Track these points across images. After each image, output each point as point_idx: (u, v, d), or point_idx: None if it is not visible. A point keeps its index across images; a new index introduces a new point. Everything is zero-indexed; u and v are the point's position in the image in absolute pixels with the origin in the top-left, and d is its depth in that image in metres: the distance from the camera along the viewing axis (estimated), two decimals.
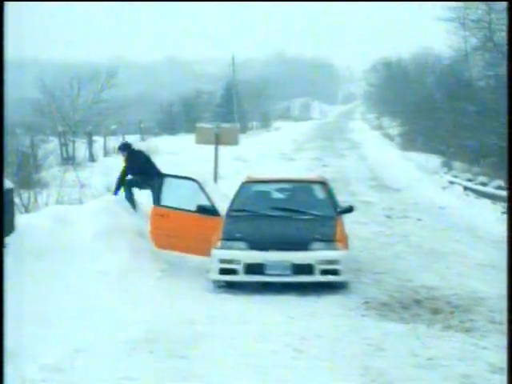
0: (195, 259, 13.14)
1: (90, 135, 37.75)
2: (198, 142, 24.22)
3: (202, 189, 13.01)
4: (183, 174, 13.71)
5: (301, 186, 13.24)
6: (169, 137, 48.80)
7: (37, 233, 10.92)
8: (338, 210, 12.52)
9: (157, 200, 13.21)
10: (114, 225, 12.63)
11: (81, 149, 37.67)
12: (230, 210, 12.48)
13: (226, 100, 62.76)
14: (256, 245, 11.34)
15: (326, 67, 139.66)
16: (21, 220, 10.91)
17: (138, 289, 11.12)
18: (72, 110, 36.08)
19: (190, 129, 54.52)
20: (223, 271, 11.37)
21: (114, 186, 15.12)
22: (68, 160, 35.83)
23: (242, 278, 11.32)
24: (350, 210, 12.65)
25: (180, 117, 53.47)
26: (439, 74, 45.08)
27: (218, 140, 22.87)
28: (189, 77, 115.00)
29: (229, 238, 11.53)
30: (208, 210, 12.64)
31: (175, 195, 13.30)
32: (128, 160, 14.73)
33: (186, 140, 48.67)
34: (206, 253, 12.34)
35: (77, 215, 12.40)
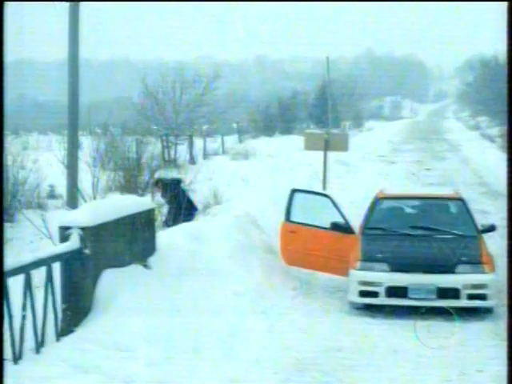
0: (323, 276, 12.81)
1: (190, 137, 37.81)
2: (307, 148, 23.85)
3: (335, 204, 12.61)
4: (315, 190, 13.38)
5: (438, 203, 12.73)
6: (265, 138, 48.59)
7: (175, 253, 10.73)
8: (480, 228, 11.97)
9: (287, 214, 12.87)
10: (245, 242, 12.43)
11: (181, 151, 37.76)
12: (366, 227, 12.06)
13: (319, 100, 62.25)
14: (398, 266, 10.90)
15: (415, 65, 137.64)
16: (160, 239, 10.72)
17: (276, 311, 10.81)
18: (174, 112, 36.13)
19: (286, 130, 54.36)
20: (363, 293, 10.98)
21: None
22: (170, 162, 35.93)
23: (383, 301, 10.90)
24: (492, 228, 12.08)
25: (275, 117, 53.20)
26: None
27: (327, 146, 22.49)
28: (278, 76, 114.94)
29: (369, 258, 11.13)
30: (342, 228, 12.25)
31: (305, 211, 12.96)
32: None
33: (283, 142, 48.47)
34: (339, 271, 11.99)
35: (209, 232, 12.23)
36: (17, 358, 7.22)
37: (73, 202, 26.39)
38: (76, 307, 8.14)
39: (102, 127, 61.26)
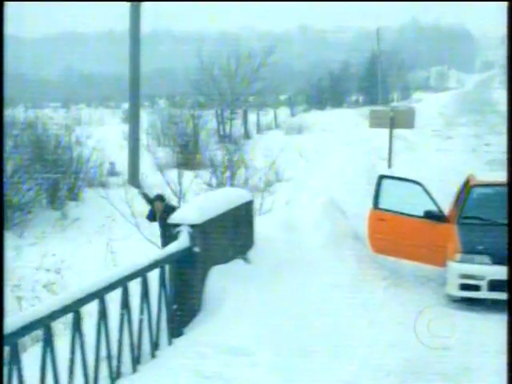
0: (409, 264, 12.46)
1: (245, 112, 37.48)
2: (372, 125, 23.36)
3: (427, 192, 12.19)
4: (404, 176, 12.95)
5: None
6: (317, 112, 48.07)
7: (271, 244, 10.44)
8: None
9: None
10: (336, 231, 12.12)
11: (236, 126, 37.44)
12: (462, 217, 11.64)
13: (368, 72, 61.42)
14: (501, 259, 10.47)
15: (461, 34, 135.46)
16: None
17: (372, 303, 10.49)
18: (229, 87, 35.77)
19: (337, 103, 53.75)
20: (464, 287, 10.59)
21: None
22: (224, 138, 35.65)
23: (485, 295, 10.51)
24: None
25: (326, 90, 52.62)
26: None
27: (393, 124, 22.01)
28: (321, 47, 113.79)
29: (469, 250, 10.72)
30: (436, 216, 11.84)
31: (394, 198, 12.57)
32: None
33: (334, 115, 47.89)
34: (431, 261, 11.64)
35: (298, 221, 11.95)
36: (136, 363, 6.98)
37: (134, 179, 26.29)
38: (186, 308, 7.88)
39: (149, 99, 61.05)
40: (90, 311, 6.61)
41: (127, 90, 27.79)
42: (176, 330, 7.73)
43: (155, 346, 7.30)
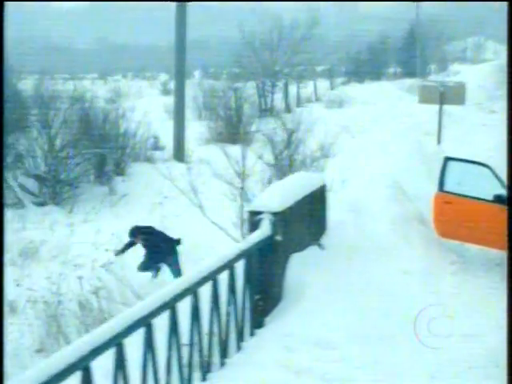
0: (473, 248, 12.20)
1: (285, 86, 37.13)
2: (422, 101, 22.97)
3: (496, 175, 11.89)
4: (471, 158, 12.63)
5: None
6: (356, 85, 47.55)
7: (342, 229, 10.24)
8: None
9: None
10: (401, 213, 11.88)
11: (276, 100, 37.11)
12: None
13: (407, 44, 60.61)
14: None
15: (497, 4, 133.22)
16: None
17: (444, 290, 10.27)
18: (271, 59, 35.40)
19: (376, 76, 53.09)
20: None
21: None
22: (266, 111, 35.37)
23: None
24: None
25: (365, 63, 52.01)
26: None
27: (443, 100, 21.60)
28: (354, 18, 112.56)
29: None
30: (506, 201, 11.54)
31: (461, 180, 12.29)
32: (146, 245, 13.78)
33: (374, 88, 47.31)
34: (498, 246, 11.37)
35: (365, 204, 11.74)
36: (223, 356, 6.85)
37: (179, 154, 26.16)
38: (267, 297, 7.72)
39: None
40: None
41: (162, 61, 27.60)
42: (258, 321, 7.57)
43: (240, 337, 7.15)
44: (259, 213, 7.83)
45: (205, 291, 6.62)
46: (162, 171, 17.38)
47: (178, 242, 13.73)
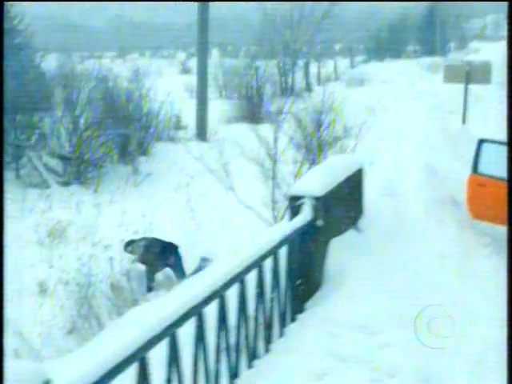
0: (504, 230, 12.06)
1: (306, 64, 36.90)
2: (447, 80, 22.67)
3: None
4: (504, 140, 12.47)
5: None
6: (376, 63, 47.20)
7: (376, 212, 10.14)
8: None
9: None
10: (434, 195, 11.76)
11: (297, 78, 36.87)
12: None
13: (426, 21, 60.07)
14: None
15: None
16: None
17: (480, 273, 10.16)
18: (292, 38, 35.15)
19: (396, 54, 52.68)
20: None
21: None
22: (287, 90, 35.17)
23: None
24: None
25: (385, 41, 51.64)
26: None
27: (468, 79, 21.34)
28: None
29: None
30: None
31: (495, 162, 12.13)
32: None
33: (394, 67, 46.96)
34: None
35: (398, 186, 11.64)
36: (268, 342, 6.80)
37: (202, 134, 26.06)
38: (308, 282, 7.65)
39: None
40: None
41: (180, 39, 27.38)
42: (299, 306, 7.51)
43: (283, 323, 7.09)
44: (300, 197, 7.74)
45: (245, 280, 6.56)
46: (190, 151, 17.32)
47: (176, 247, 13.50)
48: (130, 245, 13.58)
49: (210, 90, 33.00)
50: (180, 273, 13.37)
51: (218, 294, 5.75)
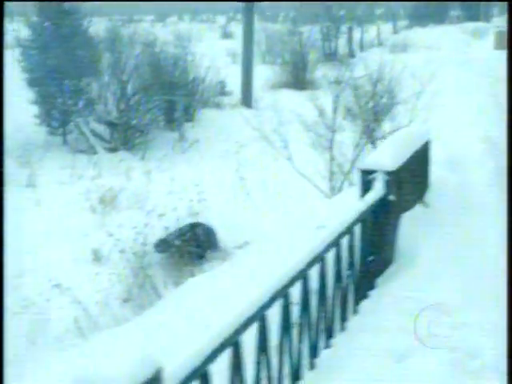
0: None
1: (350, 30, 36.47)
2: (498, 47, 22.34)
3: None
4: None
5: None
6: (419, 29, 46.50)
7: (442, 185, 9.94)
8: None
9: None
10: (498, 168, 11.51)
11: (340, 45, 36.48)
12: None
13: None
14: None
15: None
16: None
17: None
18: (335, 4, 34.72)
19: (439, 20, 51.88)
20: None
21: None
22: (330, 56, 34.83)
23: None
24: None
25: (427, 6, 50.82)
26: None
27: None
28: None
29: None
30: None
31: None
32: None
33: (438, 32, 46.25)
34: None
35: (462, 158, 11.42)
36: (343, 320, 6.70)
37: (247, 100, 25.89)
38: (379, 258, 7.53)
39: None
40: None
41: (219, 3, 26.97)
42: (370, 283, 7.39)
43: (357, 301, 6.98)
44: (372, 171, 7.58)
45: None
46: (246, 118, 17.13)
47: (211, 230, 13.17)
48: (160, 245, 13.16)
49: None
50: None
51: (302, 275, 5.63)
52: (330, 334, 6.43)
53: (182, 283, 10.57)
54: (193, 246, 12.81)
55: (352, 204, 7.36)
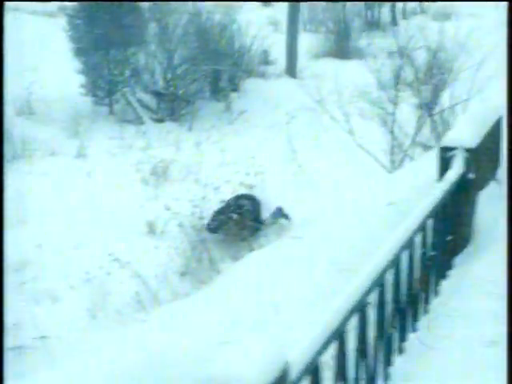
0: None
1: None
2: None
3: None
4: None
5: None
6: None
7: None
8: None
9: None
10: None
11: (383, 12, 35.90)
12: None
13: None
14: None
15: None
16: None
17: None
18: None
19: None
20: None
21: None
22: (372, 24, 34.27)
23: None
24: None
25: None
26: None
27: None
28: None
29: None
30: None
31: None
32: None
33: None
34: None
35: None
36: (426, 303, 6.54)
37: (292, 69, 25.60)
38: (457, 238, 7.35)
39: None
40: None
41: None
42: (448, 262, 7.22)
43: (437, 281, 6.82)
44: (451, 149, 7.38)
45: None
46: (308, 91, 16.82)
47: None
48: (212, 224, 12.91)
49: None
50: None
51: (396, 259, 5.49)
52: (415, 318, 6.29)
53: (241, 258, 10.48)
54: (249, 219, 12.71)
55: (428, 182, 7.19)
